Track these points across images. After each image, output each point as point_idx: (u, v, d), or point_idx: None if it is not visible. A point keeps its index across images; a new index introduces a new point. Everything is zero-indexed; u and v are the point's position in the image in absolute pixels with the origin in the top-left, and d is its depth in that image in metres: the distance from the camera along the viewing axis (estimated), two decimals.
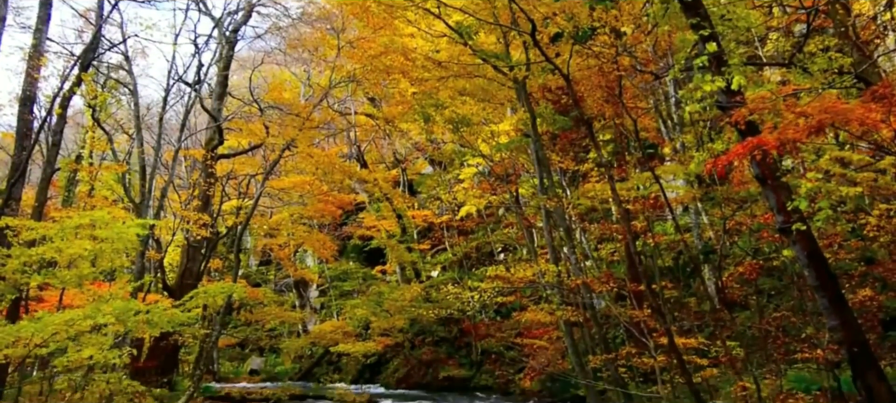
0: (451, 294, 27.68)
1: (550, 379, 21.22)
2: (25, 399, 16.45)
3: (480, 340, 27.34)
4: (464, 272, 31.21)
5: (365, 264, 39.04)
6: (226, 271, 35.45)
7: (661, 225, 21.77)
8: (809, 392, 11.66)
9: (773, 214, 8.20)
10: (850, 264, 14.27)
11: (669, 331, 9.90)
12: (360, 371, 31.90)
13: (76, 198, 28.27)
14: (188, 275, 25.21)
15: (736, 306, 16.51)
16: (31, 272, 13.87)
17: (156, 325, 14.38)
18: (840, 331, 7.31)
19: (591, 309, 15.60)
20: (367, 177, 35.41)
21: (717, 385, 13.66)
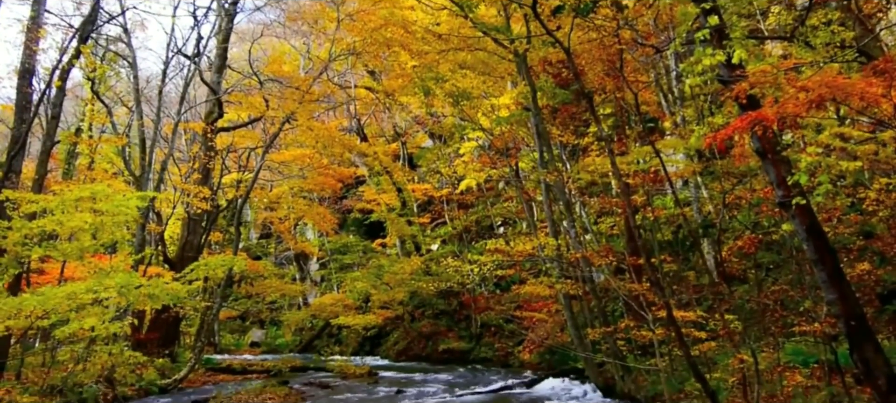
0: (451, 267, 27.76)
1: (549, 352, 21.37)
2: (28, 371, 16.57)
3: (480, 313, 27.49)
4: (463, 245, 31.29)
5: (365, 237, 39.14)
6: (226, 244, 35.57)
7: (660, 199, 21.79)
8: (807, 365, 11.75)
9: (772, 188, 8.21)
10: (848, 238, 14.30)
11: (668, 305, 9.96)
12: (360, 344, 32.10)
13: (76, 171, 28.27)
14: (189, 248, 25.28)
15: (734, 280, 16.57)
16: (31, 245, 13.93)
17: (157, 298, 14.47)
18: (838, 305, 7.35)
19: (591, 283, 15.67)
20: (367, 150, 35.38)
21: (715, 358, 13.75)
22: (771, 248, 15.98)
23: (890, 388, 7.03)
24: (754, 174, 15.46)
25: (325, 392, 18.81)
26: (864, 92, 6.59)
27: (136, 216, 15.92)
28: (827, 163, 8.76)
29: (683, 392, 13.07)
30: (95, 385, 16.54)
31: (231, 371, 24.19)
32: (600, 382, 15.43)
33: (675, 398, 12.88)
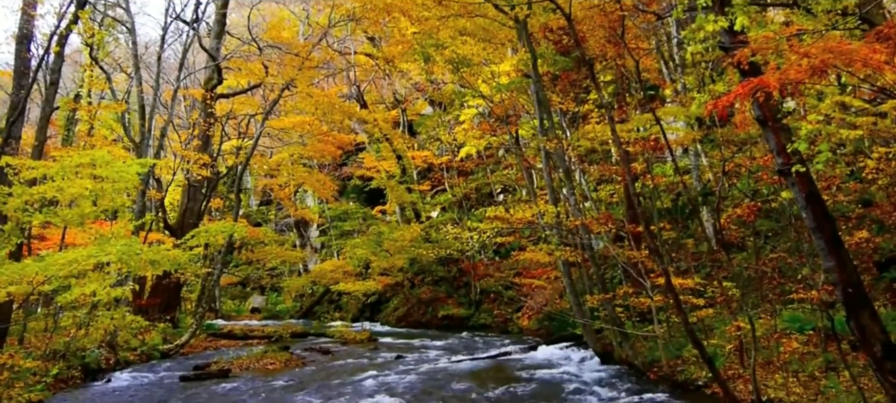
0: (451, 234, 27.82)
1: (548, 318, 21.50)
2: (31, 336, 16.70)
3: (479, 280, 27.62)
4: (463, 212, 31.36)
5: (365, 204, 39.20)
6: (226, 210, 35.60)
7: (660, 166, 21.79)
8: (803, 331, 11.85)
9: (772, 156, 8.21)
10: (847, 206, 14.35)
11: (666, 272, 10.01)
12: (360, 310, 32.29)
13: (76, 137, 28.22)
14: (189, 215, 25.33)
15: (733, 247, 16.63)
16: (32, 211, 13.96)
17: (158, 264, 14.54)
18: (835, 272, 7.39)
19: (590, 250, 15.72)
20: (366, 117, 35.30)
21: (713, 325, 13.87)
22: (770, 216, 16.03)
23: (885, 355, 7.10)
24: (754, 142, 15.46)
25: (326, 357, 18.96)
26: (867, 58, 6.56)
27: (136, 182, 15.94)
28: (827, 131, 8.76)
29: (681, 359, 13.19)
30: (98, 350, 16.68)
31: (232, 336, 24.35)
32: (598, 348, 15.55)
33: (673, 364, 13.01)
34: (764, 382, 10.25)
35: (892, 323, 10.56)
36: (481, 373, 15.01)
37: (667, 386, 12.19)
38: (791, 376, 10.21)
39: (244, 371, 16.60)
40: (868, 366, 7.88)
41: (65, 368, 14.81)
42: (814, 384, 9.88)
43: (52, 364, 14.50)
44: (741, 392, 10.18)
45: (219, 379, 15.32)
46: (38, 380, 13.12)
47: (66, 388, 14.26)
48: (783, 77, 6.74)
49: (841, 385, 9.35)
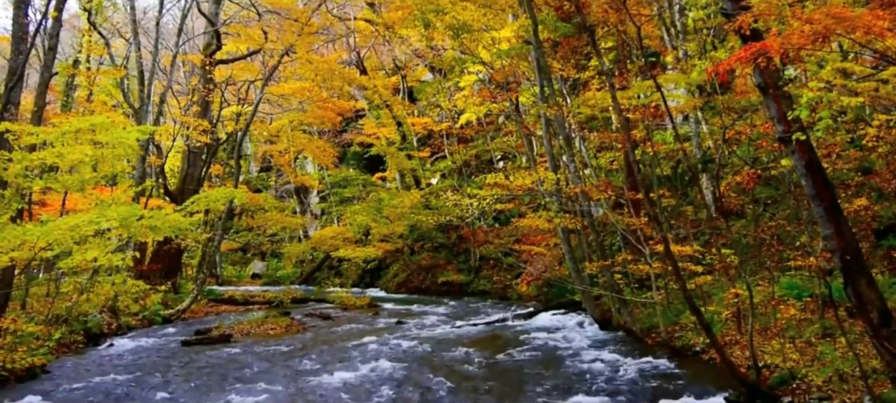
0: (451, 201, 27.89)
1: (547, 285, 21.60)
2: (33, 301, 16.79)
3: (479, 246, 27.70)
4: (463, 179, 31.35)
5: (365, 171, 39.19)
6: (227, 177, 35.58)
7: (660, 134, 21.75)
8: (801, 298, 11.91)
9: (773, 123, 8.19)
10: (847, 174, 14.36)
11: (665, 239, 10.04)
12: (360, 276, 32.44)
13: (75, 103, 28.11)
14: (189, 181, 25.35)
15: (732, 215, 16.67)
16: (32, 176, 13.95)
17: (159, 230, 14.56)
18: (833, 240, 7.42)
19: (589, 217, 15.76)
20: (366, 83, 35.14)
21: (711, 292, 13.95)
22: (769, 184, 16.05)
23: (882, 321, 7.16)
24: (755, 109, 15.43)
25: (327, 322, 19.10)
26: (870, 25, 6.53)
27: (135, 148, 15.92)
28: (828, 98, 8.75)
29: (679, 325, 13.29)
30: (100, 315, 16.80)
31: (233, 302, 24.50)
32: (597, 315, 15.66)
33: (671, 330, 13.11)
34: (761, 348, 10.33)
35: (889, 289, 10.63)
36: (481, 339, 15.14)
37: (664, 352, 12.30)
38: (788, 342, 10.28)
39: (245, 336, 16.73)
40: (864, 333, 7.94)
41: (67, 333, 14.92)
42: (810, 350, 9.95)
43: (55, 328, 14.60)
44: (738, 358, 10.27)
45: (220, 344, 15.45)
46: (40, 344, 13.22)
47: (68, 352, 14.38)
48: (785, 42, 6.72)
49: (837, 351, 9.43)
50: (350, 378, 11.02)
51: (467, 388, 10.21)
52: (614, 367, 11.40)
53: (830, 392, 8.37)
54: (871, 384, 7.63)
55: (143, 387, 10.98)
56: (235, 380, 11.31)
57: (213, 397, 10.10)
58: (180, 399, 9.99)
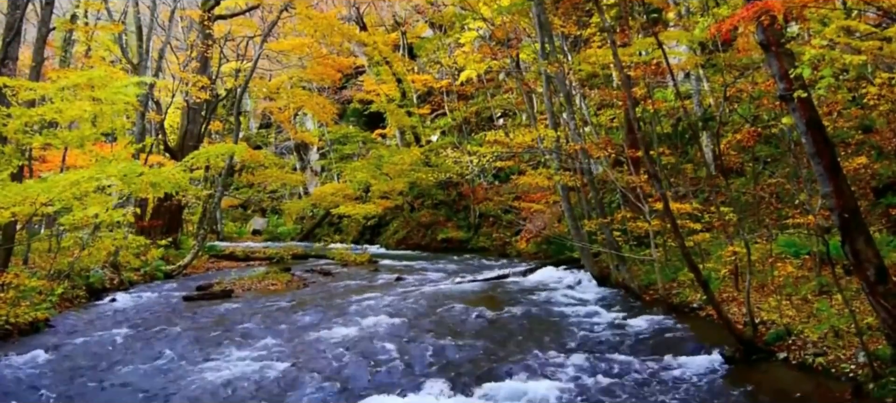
0: (451, 158, 27.89)
1: (546, 242, 21.70)
2: (35, 256, 16.88)
3: (478, 203, 27.77)
4: (463, 136, 31.30)
5: (365, 128, 39.09)
6: (226, 133, 35.54)
7: (661, 91, 21.67)
8: (798, 256, 11.98)
9: (774, 81, 8.16)
10: (847, 132, 14.33)
11: (665, 196, 10.06)
12: (360, 233, 32.56)
13: (73, 58, 27.90)
14: (189, 137, 25.31)
15: (732, 173, 16.68)
16: (32, 132, 13.93)
17: (159, 186, 14.59)
18: (832, 198, 7.43)
19: (589, 174, 15.77)
20: (366, 39, 34.87)
21: (709, 250, 14.01)
22: (769, 142, 16.03)
23: (878, 278, 7.20)
24: (757, 67, 15.33)
25: (327, 278, 19.21)
26: None
27: (134, 102, 15.86)
28: (830, 56, 8.70)
29: (676, 282, 13.39)
30: (101, 270, 16.91)
31: (234, 258, 24.63)
32: (596, 271, 15.76)
33: (668, 287, 13.21)
34: (757, 305, 10.43)
35: (886, 247, 10.69)
36: (480, 294, 15.25)
37: (662, 308, 12.40)
38: (784, 299, 10.37)
39: (246, 291, 16.85)
40: (860, 290, 8.00)
41: (69, 287, 15.03)
42: (806, 307, 10.04)
43: (57, 283, 14.70)
44: (735, 315, 10.36)
45: (221, 299, 15.58)
46: (43, 299, 13.33)
47: (71, 307, 14.51)
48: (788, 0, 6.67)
49: (833, 308, 9.52)
50: (350, 333, 11.13)
51: (466, 343, 10.31)
52: (612, 323, 11.51)
53: (825, 348, 8.47)
54: (866, 340, 7.71)
55: (146, 341, 11.10)
56: (236, 335, 11.42)
57: (214, 351, 10.22)
58: (182, 353, 10.10)
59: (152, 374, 9.08)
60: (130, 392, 8.21)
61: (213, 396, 8.04)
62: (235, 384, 8.45)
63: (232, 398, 7.90)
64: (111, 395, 8.16)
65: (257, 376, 8.75)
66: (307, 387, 8.23)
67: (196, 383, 8.56)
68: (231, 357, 9.78)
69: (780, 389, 7.72)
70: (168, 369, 9.31)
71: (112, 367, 9.51)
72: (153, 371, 9.20)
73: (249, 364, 9.31)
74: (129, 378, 8.90)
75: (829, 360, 8.20)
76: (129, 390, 8.33)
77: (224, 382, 8.54)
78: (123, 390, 8.34)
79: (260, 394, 8.00)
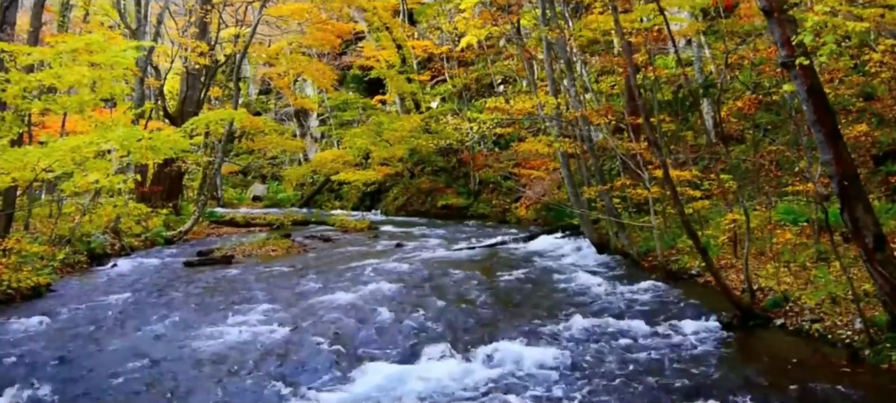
0: (451, 124, 27.82)
1: (546, 209, 21.73)
2: (36, 221, 16.93)
3: (478, 170, 27.76)
4: (463, 103, 31.20)
5: (365, 94, 38.92)
6: (226, 99, 35.38)
7: (662, 58, 21.56)
8: (797, 223, 12.02)
9: (776, 48, 8.12)
10: (848, 99, 14.29)
11: (664, 164, 10.06)
12: (360, 199, 32.60)
13: (71, 23, 27.71)
14: (188, 103, 25.24)
15: (732, 140, 16.67)
16: (31, 98, 13.89)
17: (159, 152, 14.57)
18: (832, 165, 7.43)
19: (589, 141, 15.75)
20: (366, 5, 34.54)
21: (708, 217, 14.05)
22: (770, 109, 15.99)
23: (876, 246, 7.23)
24: (759, 33, 15.29)
25: (327, 244, 19.28)
26: None
27: (133, 68, 15.78)
28: (833, 23, 8.64)
29: (675, 249, 13.44)
30: (103, 236, 16.96)
31: (234, 224, 24.69)
32: (595, 238, 15.81)
33: (667, 254, 13.26)
34: (756, 272, 10.49)
35: (885, 215, 10.73)
36: (479, 261, 15.32)
37: (660, 275, 12.46)
38: (782, 266, 10.43)
39: (247, 257, 16.92)
40: (858, 257, 8.04)
41: (71, 253, 15.10)
42: (804, 274, 10.10)
43: (58, 248, 14.77)
44: (733, 282, 10.42)
45: (222, 265, 15.65)
46: (45, 264, 13.40)
47: (72, 272, 14.58)
48: None
49: (830, 275, 9.57)
50: (350, 299, 11.20)
51: (465, 308, 10.39)
52: (610, 289, 11.56)
53: (822, 315, 8.54)
54: (863, 307, 7.77)
55: (147, 306, 11.18)
56: (237, 300, 11.50)
57: (215, 316, 10.29)
58: (183, 318, 10.17)
59: (153, 339, 9.16)
60: (132, 357, 8.28)
61: (215, 360, 8.11)
62: (236, 348, 8.52)
63: (233, 362, 7.97)
64: (113, 359, 8.23)
65: (258, 341, 8.82)
66: (308, 352, 8.30)
67: (197, 347, 8.64)
68: (232, 322, 9.86)
69: (776, 355, 7.79)
70: (169, 334, 9.39)
71: (113, 332, 9.59)
72: (154, 336, 9.27)
73: (250, 329, 9.38)
74: (131, 342, 8.98)
75: (826, 327, 8.27)
76: (130, 354, 8.40)
77: (225, 347, 8.62)
78: (125, 354, 8.41)
79: (261, 359, 8.07)
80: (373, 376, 7.35)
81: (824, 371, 7.09)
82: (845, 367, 7.14)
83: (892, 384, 6.64)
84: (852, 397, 6.41)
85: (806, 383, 6.71)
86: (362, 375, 7.41)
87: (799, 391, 6.53)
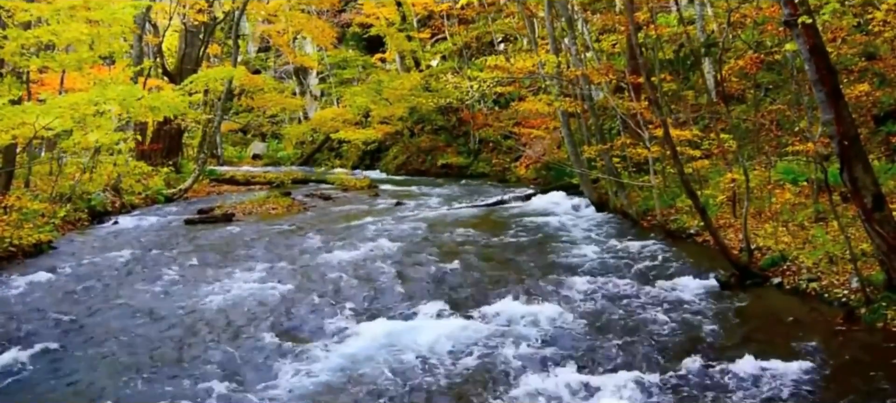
0: (451, 83, 27.68)
1: (546, 168, 21.75)
2: (36, 179, 16.94)
3: (478, 129, 27.71)
4: (463, 61, 31.02)
5: (364, 52, 38.68)
6: (225, 57, 35.11)
7: (664, 16, 21.39)
8: (796, 183, 12.04)
9: (779, 6, 8.07)
10: (850, 59, 14.19)
11: (665, 123, 10.05)
12: (360, 158, 32.59)
13: None
14: (187, 60, 25.08)
15: (733, 99, 16.59)
16: (29, 55, 13.82)
17: (158, 110, 14.52)
18: (833, 125, 7.42)
19: (589, 100, 15.71)
20: None
21: (708, 176, 14.07)
22: (772, 68, 15.90)
23: (875, 205, 7.25)
24: None
25: (327, 203, 19.32)
26: None
27: (131, 25, 15.67)
28: None
29: (674, 208, 13.47)
30: (103, 194, 16.99)
31: (234, 182, 24.70)
32: (594, 197, 15.84)
33: (666, 213, 13.30)
34: (754, 231, 10.53)
35: (884, 175, 10.74)
36: (479, 220, 15.36)
37: (659, 234, 12.52)
38: (781, 225, 10.47)
39: (247, 215, 16.97)
40: (856, 217, 8.06)
41: (72, 210, 15.14)
42: (802, 233, 10.14)
43: (59, 206, 14.81)
44: (731, 241, 10.47)
45: (222, 223, 15.70)
46: (46, 221, 13.45)
47: (74, 229, 14.65)
48: None
49: (828, 234, 9.61)
50: (350, 257, 11.27)
51: (465, 266, 10.45)
52: (609, 248, 11.64)
53: (819, 273, 8.60)
54: (860, 266, 7.82)
55: (149, 263, 11.25)
56: (237, 257, 11.57)
57: (216, 273, 10.36)
58: (184, 275, 10.25)
59: (154, 295, 9.24)
60: (135, 312, 8.37)
61: (216, 316, 8.19)
62: (238, 305, 8.60)
63: (235, 319, 8.05)
64: (114, 315, 8.32)
65: (258, 297, 8.89)
66: (309, 309, 8.38)
67: (199, 303, 8.72)
68: (232, 279, 9.93)
69: (772, 313, 7.87)
70: (170, 290, 9.47)
71: (115, 288, 9.66)
72: (155, 292, 9.35)
73: (250, 286, 9.45)
74: (132, 298, 9.06)
75: (823, 286, 8.33)
76: (131, 310, 8.48)
77: (227, 303, 8.70)
78: (128, 310, 8.50)
79: (262, 315, 8.15)
80: (373, 333, 7.43)
81: (819, 330, 7.16)
82: (841, 325, 7.21)
83: (886, 342, 6.71)
84: (846, 355, 6.49)
85: (801, 341, 6.78)
86: (362, 332, 7.48)
87: (794, 348, 6.60)
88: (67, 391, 6.14)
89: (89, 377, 6.47)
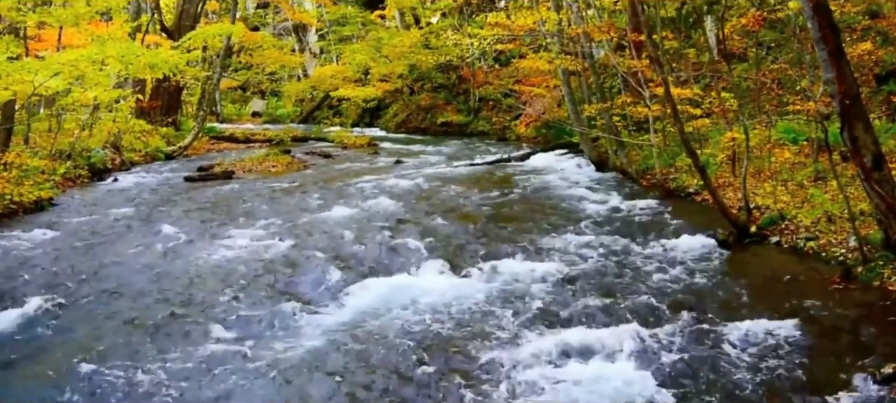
0: (451, 40, 27.43)
1: (546, 126, 21.70)
2: (35, 136, 16.91)
3: (478, 87, 27.60)
4: (464, 19, 30.74)
5: (364, 8, 38.30)
6: (223, 13, 34.81)
7: None
8: (796, 142, 12.04)
9: None
10: (854, 17, 14.10)
11: (666, 81, 10.01)
12: (359, 116, 32.48)
13: None
14: (186, 17, 24.85)
15: (735, 58, 16.48)
16: (25, 11, 13.71)
17: (157, 68, 14.46)
18: (835, 84, 7.39)
19: (590, 59, 15.63)
20: None
21: (708, 135, 14.06)
22: (774, 27, 15.79)
23: (874, 165, 7.26)
24: None
25: (327, 160, 19.31)
26: None
27: None
28: None
29: (674, 167, 13.49)
30: (103, 151, 16.97)
31: (234, 139, 24.65)
32: (594, 156, 15.84)
33: (666, 172, 13.32)
34: (753, 190, 10.55)
35: (885, 134, 10.73)
36: (479, 178, 15.38)
37: (658, 193, 12.55)
38: (780, 185, 10.49)
39: (247, 172, 16.98)
40: (855, 177, 8.08)
41: (72, 167, 15.13)
42: (801, 192, 10.17)
43: (59, 163, 14.80)
44: (730, 200, 10.49)
45: (222, 180, 15.72)
46: (46, 178, 13.45)
47: (73, 186, 14.66)
48: None
49: (827, 194, 9.64)
50: (349, 214, 11.31)
51: (464, 225, 10.49)
52: (608, 206, 11.68)
53: (817, 233, 8.64)
54: (858, 225, 7.86)
55: (148, 220, 11.28)
56: (238, 214, 11.61)
57: (216, 230, 10.40)
58: (184, 232, 10.28)
59: (155, 251, 9.28)
60: (136, 269, 8.42)
61: (215, 273, 8.24)
62: (237, 262, 8.64)
63: (233, 276, 8.09)
64: (115, 271, 8.37)
65: (259, 255, 8.94)
66: (308, 266, 8.43)
67: (198, 260, 8.77)
68: (233, 236, 9.97)
69: (770, 272, 7.92)
70: (170, 247, 9.50)
71: (115, 244, 9.71)
72: (156, 249, 9.39)
73: (251, 244, 9.50)
74: (132, 254, 9.10)
75: (821, 244, 8.38)
76: (134, 266, 8.54)
77: (227, 260, 8.75)
78: (129, 266, 8.55)
79: (263, 272, 8.20)
80: (372, 290, 7.48)
81: (816, 288, 7.23)
82: (837, 284, 7.27)
83: (881, 300, 6.77)
84: (841, 312, 6.55)
85: (797, 299, 6.85)
86: (362, 289, 7.53)
87: (790, 306, 6.66)
88: (70, 346, 6.19)
89: (91, 331, 6.53)
